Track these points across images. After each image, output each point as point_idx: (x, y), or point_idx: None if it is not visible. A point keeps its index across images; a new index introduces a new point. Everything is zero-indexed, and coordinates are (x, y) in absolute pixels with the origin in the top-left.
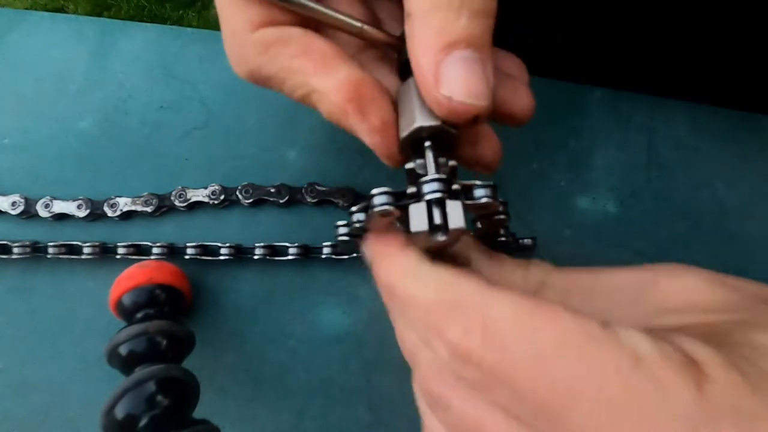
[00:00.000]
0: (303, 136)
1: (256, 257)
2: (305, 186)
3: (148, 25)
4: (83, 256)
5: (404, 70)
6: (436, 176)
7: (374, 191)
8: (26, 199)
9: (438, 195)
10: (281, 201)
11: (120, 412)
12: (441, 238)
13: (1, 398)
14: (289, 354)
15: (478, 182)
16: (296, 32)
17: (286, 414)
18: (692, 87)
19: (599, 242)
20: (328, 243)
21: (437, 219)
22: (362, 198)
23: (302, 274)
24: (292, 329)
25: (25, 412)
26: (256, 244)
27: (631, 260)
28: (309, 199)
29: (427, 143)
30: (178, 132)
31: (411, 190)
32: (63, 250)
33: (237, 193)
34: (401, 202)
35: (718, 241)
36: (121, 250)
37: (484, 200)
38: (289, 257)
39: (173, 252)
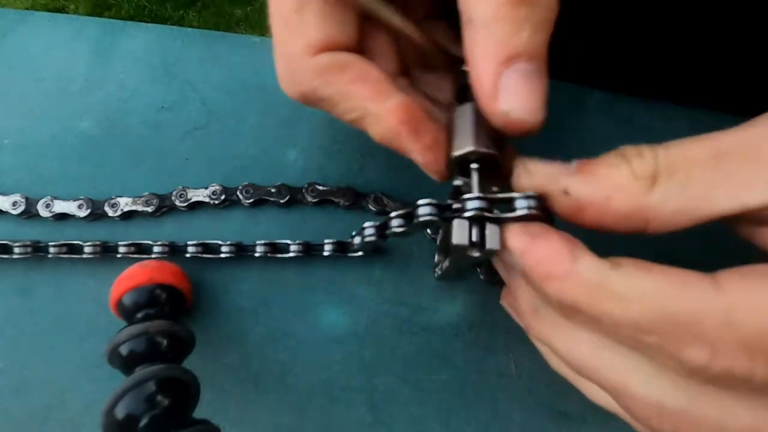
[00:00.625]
0: (303, 136)
1: (257, 254)
2: (306, 186)
3: (149, 25)
4: (84, 256)
5: (462, 95)
6: (479, 195)
7: (420, 202)
8: (27, 199)
9: (479, 213)
10: (282, 201)
11: (120, 412)
12: (475, 254)
13: (1, 398)
14: (289, 354)
15: (516, 194)
16: (352, 59)
17: (286, 414)
18: (692, 94)
19: (599, 242)
20: (330, 240)
21: (475, 237)
22: (362, 197)
23: (303, 274)
24: (293, 329)
25: (25, 412)
26: (257, 242)
27: None
28: (309, 199)
29: (474, 165)
30: (179, 132)
31: (455, 205)
32: (64, 249)
33: (237, 193)
34: (444, 214)
35: (718, 240)
36: (122, 249)
37: (524, 212)
38: (290, 254)
39: (174, 251)
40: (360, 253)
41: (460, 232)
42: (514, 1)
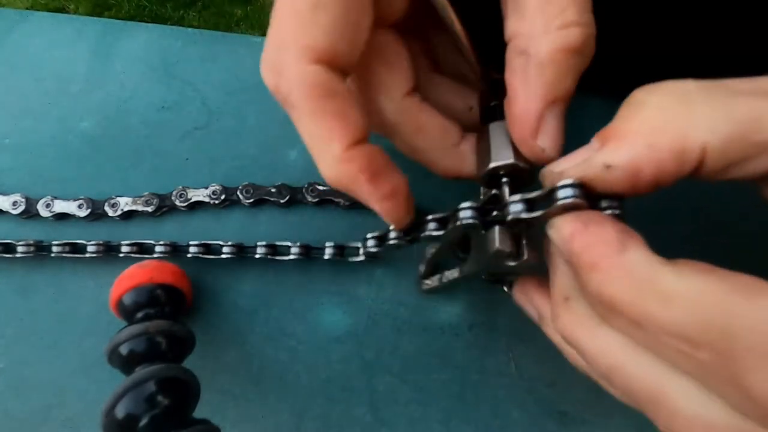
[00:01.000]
0: None
1: (257, 256)
2: (306, 186)
3: (150, 25)
4: (86, 255)
5: (491, 113)
6: (522, 197)
7: (463, 205)
8: (27, 199)
9: (520, 218)
10: (282, 201)
11: (120, 412)
12: (512, 263)
13: (1, 398)
14: (289, 354)
15: (557, 185)
16: (341, 90)
17: (286, 414)
18: None
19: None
20: (330, 244)
21: (512, 246)
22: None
23: (303, 273)
24: (293, 329)
25: (26, 411)
26: (258, 243)
27: None
28: (310, 199)
29: (506, 179)
30: (179, 132)
31: (495, 212)
32: (66, 249)
33: (238, 192)
34: (486, 218)
35: (719, 240)
36: (124, 249)
37: (569, 201)
38: (291, 257)
39: (176, 250)
40: (361, 258)
41: (503, 239)
42: (572, 49)
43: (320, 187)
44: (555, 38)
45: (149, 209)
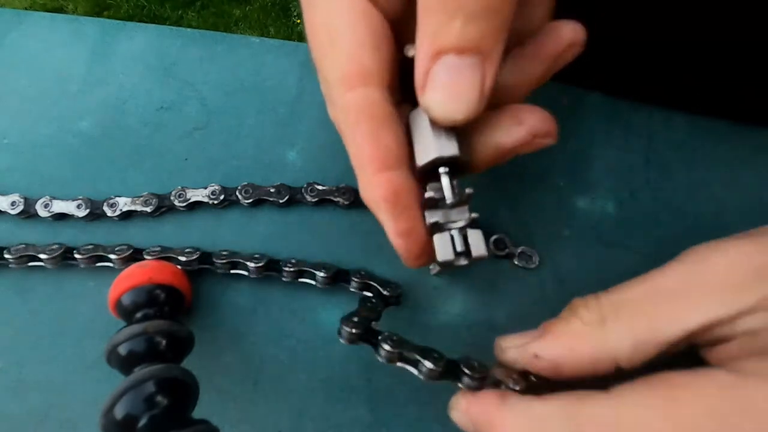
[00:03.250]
0: (303, 136)
1: (250, 269)
2: (305, 186)
3: (149, 25)
4: (80, 264)
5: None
6: (454, 201)
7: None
8: (26, 199)
9: (460, 225)
10: (281, 201)
11: (119, 412)
12: (463, 262)
13: (1, 398)
14: (289, 354)
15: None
16: (382, 108)
17: (286, 414)
18: (690, 98)
19: (598, 242)
20: (324, 274)
21: (459, 247)
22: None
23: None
24: (292, 329)
25: (24, 411)
26: (254, 256)
27: (630, 260)
28: (309, 199)
29: (443, 169)
30: (178, 132)
31: (432, 219)
32: (58, 258)
33: (237, 193)
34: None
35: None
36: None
37: None
38: (283, 278)
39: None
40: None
41: (443, 248)
42: None
43: (319, 187)
44: None
45: (148, 209)
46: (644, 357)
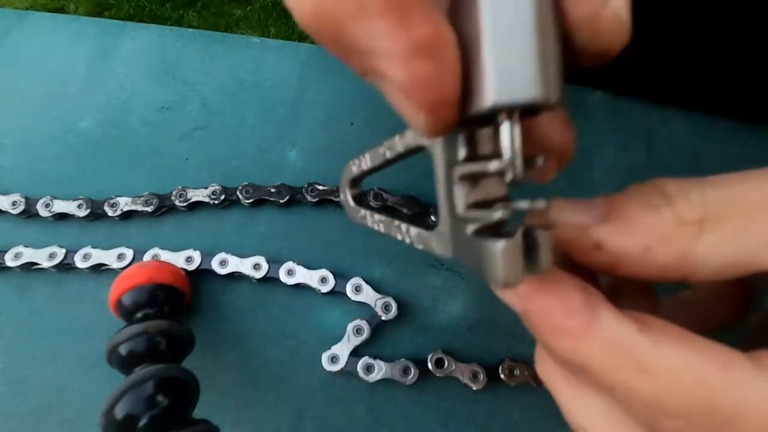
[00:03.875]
0: (303, 136)
1: (251, 275)
2: (305, 186)
3: (149, 25)
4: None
5: None
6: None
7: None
8: (27, 199)
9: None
10: (281, 201)
11: (120, 412)
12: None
13: (1, 398)
14: (289, 354)
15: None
16: None
17: (286, 414)
18: (691, 97)
19: None
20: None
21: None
22: (362, 194)
23: None
24: (293, 329)
25: (25, 411)
26: (254, 264)
27: None
28: (309, 199)
29: (505, 121)
30: (179, 132)
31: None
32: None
33: (237, 193)
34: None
35: None
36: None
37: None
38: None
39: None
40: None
41: (511, 264)
42: None
43: (320, 187)
44: None
45: (149, 209)
46: (728, 277)
